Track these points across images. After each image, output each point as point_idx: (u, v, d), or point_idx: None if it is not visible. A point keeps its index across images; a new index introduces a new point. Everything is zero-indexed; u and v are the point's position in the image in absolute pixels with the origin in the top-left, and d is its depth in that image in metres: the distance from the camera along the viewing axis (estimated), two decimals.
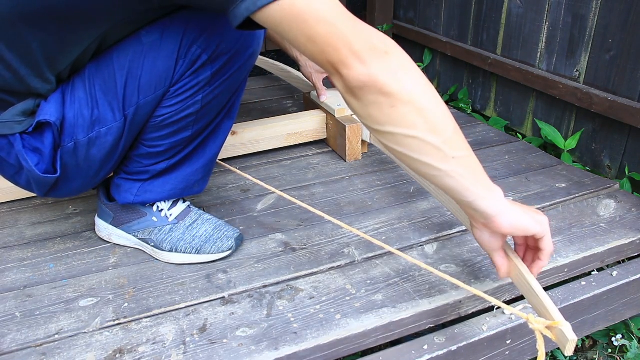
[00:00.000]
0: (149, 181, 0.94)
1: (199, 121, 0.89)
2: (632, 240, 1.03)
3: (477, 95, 1.85)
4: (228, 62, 0.84)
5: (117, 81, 0.81)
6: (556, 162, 1.36)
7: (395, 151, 0.70)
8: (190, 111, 0.86)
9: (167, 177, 0.94)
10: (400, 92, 0.65)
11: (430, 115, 0.67)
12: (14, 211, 1.16)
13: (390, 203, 1.18)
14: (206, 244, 0.96)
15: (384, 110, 0.66)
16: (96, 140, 0.84)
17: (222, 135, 0.96)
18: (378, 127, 0.69)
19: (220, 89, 0.87)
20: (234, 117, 0.97)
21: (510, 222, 0.73)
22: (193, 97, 0.85)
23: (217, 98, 0.88)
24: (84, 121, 0.83)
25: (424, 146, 0.68)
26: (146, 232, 0.98)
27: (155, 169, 0.93)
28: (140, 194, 0.95)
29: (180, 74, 0.82)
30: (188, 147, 0.92)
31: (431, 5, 2.00)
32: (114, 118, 0.83)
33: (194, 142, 0.92)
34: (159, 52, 0.80)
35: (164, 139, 0.89)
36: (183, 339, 0.80)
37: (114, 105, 0.82)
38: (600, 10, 1.35)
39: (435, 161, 0.69)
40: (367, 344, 0.83)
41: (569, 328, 0.66)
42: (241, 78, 0.89)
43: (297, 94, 1.85)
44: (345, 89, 0.67)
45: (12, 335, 0.82)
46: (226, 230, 0.99)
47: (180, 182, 0.95)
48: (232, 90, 0.90)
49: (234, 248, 0.98)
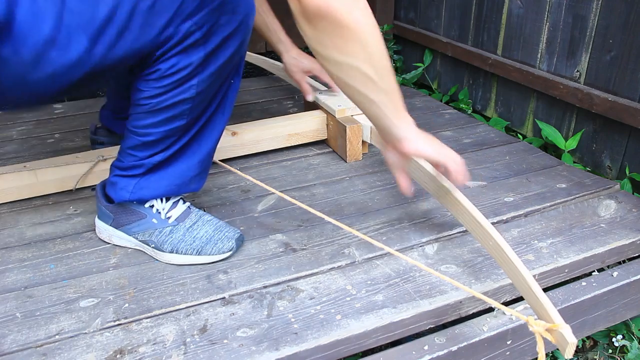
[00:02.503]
0: (144, 177, 0.94)
1: (194, 109, 0.88)
2: (632, 241, 1.03)
3: (478, 95, 1.85)
4: (222, 44, 0.84)
5: (99, 8, 0.73)
6: (557, 162, 1.36)
7: (336, 77, 0.80)
8: (185, 96, 0.85)
9: (163, 173, 0.94)
10: (352, 25, 0.73)
11: (372, 51, 0.76)
12: (15, 212, 1.16)
13: (391, 203, 1.18)
14: (207, 245, 0.96)
15: (334, 39, 0.74)
16: (42, 64, 0.72)
17: (217, 129, 0.95)
18: (325, 54, 0.77)
19: (215, 75, 0.86)
20: (229, 112, 0.96)
21: (414, 147, 0.88)
22: (187, 80, 0.84)
23: (212, 85, 0.87)
24: (37, 36, 0.70)
25: (362, 77, 0.78)
26: (146, 234, 0.98)
27: (150, 162, 0.92)
28: (136, 190, 0.94)
29: (169, 36, 0.79)
30: (182, 138, 0.91)
31: (432, 5, 2.00)
32: (78, 49, 0.73)
33: (188, 133, 0.91)
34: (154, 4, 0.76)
35: (157, 126, 0.88)
36: (183, 339, 0.80)
37: (82, 33, 0.73)
38: (600, 11, 1.35)
39: (368, 91, 0.81)
40: (367, 345, 0.83)
41: (569, 331, 0.66)
42: (233, 63, 0.88)
43: (298, 95, 1.85)
44: (300, 12, 0.74)
45: (12, 335, 0.82)
46: (227, 230, 0.99)
47: (176, 178, 0.95)
48: (224, 76, 0.89)
49: (235, 249, 0.98)
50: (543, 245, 1.02)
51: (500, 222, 1.10)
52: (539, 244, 1.02)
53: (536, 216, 1.12)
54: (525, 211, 1.13)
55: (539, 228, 1.07)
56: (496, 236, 0.85)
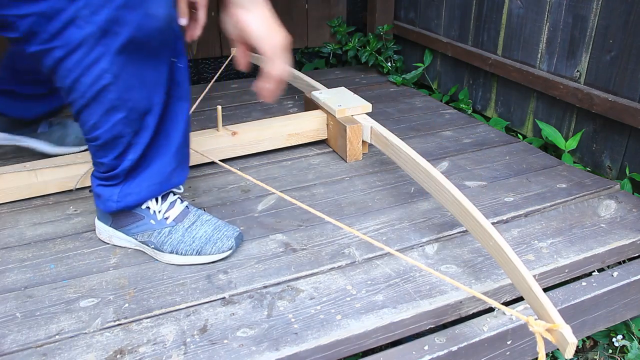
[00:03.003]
0: (125, 184, 0.93)
1: (126, 99, 0.84)
2: (632, 241, 1.03)
3: (478, 95, 1.85)
4: (114, 18, 0.77)
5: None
6: (557, 162, 1.36)
7: None
8: (102, 83, 0.81)
9: (141, 176, 0.93)
10: None
11: None
12: (15, 212, 1.16)
13: (391, 203, 1.18)
14: (206, 245, 0.96)
15: None
16: None
17: (179, 119, 0.93)
18: None
19: (126, 53, 0.80)
20: (186, 98, 0.94)
21: (243, 18, 0.87)
22: (93, 63, 0.79)
23: (134, 72, 0.83)
24: None
25: None
26: (145, 235, 0.98)
27: (123, 168, 0.90)
28: (121, 199, 0.94)
29: None
30: (141, 135, 0.88)
31: (432, 5, 2.00)
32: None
33: (145, 129, 0.88)
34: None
35: (99, 126, 0.85)
36: (184, 339, 0.80)
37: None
38: (600, 11, 1.35)
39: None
40: (367, 345, 0.83)
41: (569, 331, 0.66)
42: (156, 40, 0.83)
43: (298, 95, 1.85)
44: None
45: (12, 335, 0.82)
46: (225, 230, 0.99)
47: (154, 177, 0.94)
48: (153, 57, 0.84)
49: (235, 247, 0.98)
50: (543, 245, 1.02)
51: (501, 222, 1.10)
52: (539, 244, 1.02)
53: (536, 216, 1.12)
54: (526, 211, 1.13)
55: (539, 228, 1.07)
56: (496, 236, 0.85)
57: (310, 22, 2.23)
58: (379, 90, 1.93)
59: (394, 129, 1.55)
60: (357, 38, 2.15)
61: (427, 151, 1.43)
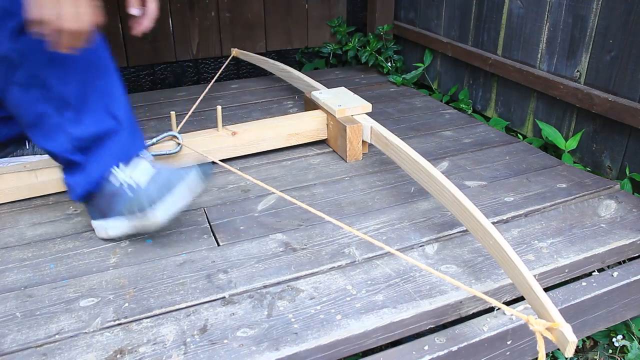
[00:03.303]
0: (87, 165, 0.96)
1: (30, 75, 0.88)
2: (632, 241, 1.03)
3: (478, 95, 1.85)
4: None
5: None
6: (557, 162, 1.36)
7: None
8: None
9: (98, 153, 0.96)
10: None
11: None
12: (15, 211, 1.16)
13: (391, 203, 1.18)
14: (179, 183, 0.97)
15: None
16: None
17: (110, 89, 0.97)
18: None
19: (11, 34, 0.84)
20: (107, 70, 0.96)
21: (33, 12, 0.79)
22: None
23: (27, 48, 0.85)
24: None
25: None
26: (128, 206, 0.97)
27: (74, 153, 0.95)
28: (89, 182, 0.97)
29: None
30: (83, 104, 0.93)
31: (432, 5, 2.00)
32: None
33: (77, 102, 0.92)
34: None
35: (20, 106, 0.91)
36: (184, 339, 0.80)
37: None
38: (600, 11, 1.35)
39: None
40: (367, 345, 0.83)
41: (569, 329, 0.66)
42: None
43: (298, 95, 1.85)
44: None
45: (12, 335, 0.82)
46: (187, 168, 0.99)
47: (113, 150, 0.97)
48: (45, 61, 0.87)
49: (203, 175, 1.00)
50: (543, 245, 1.02)
51: (501, 222, 1.10)
52: (539, 244, 1.02)
53: (536, 216, 1.12)
54: (526, 211, 1.13)
55: (539, 228, 1.07)
56: (496, 236, 0.85)
57: (310, 22, 2.23)
58: (379, 90, 1.93)
59: (394, 129, 1.55)
60: (357, 38, 2.15)
61: (427, 151, 1.43)
